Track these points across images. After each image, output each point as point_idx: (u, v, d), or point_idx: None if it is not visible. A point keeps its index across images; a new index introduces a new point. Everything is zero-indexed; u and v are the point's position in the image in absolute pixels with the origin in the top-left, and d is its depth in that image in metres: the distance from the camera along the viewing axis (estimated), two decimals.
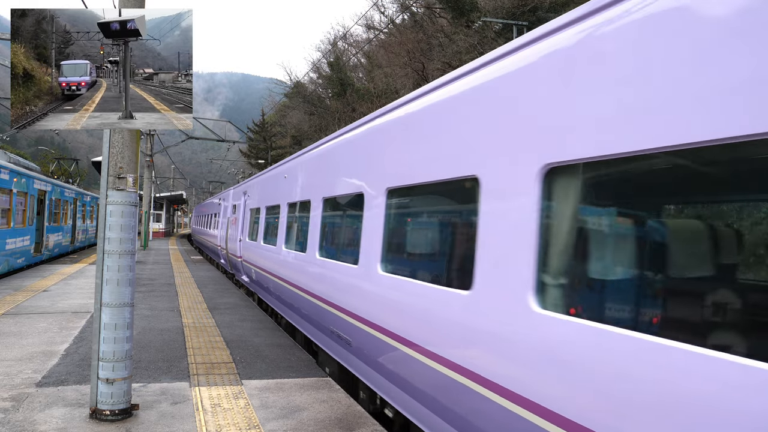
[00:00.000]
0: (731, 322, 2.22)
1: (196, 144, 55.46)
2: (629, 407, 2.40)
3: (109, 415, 5.01)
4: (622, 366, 2.44)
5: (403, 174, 4.94)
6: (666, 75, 2.43)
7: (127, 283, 5.15)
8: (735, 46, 2.16)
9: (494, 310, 3.37)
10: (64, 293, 12.90)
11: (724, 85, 2.17)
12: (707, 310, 2.31)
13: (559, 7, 23.83)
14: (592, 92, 2.82)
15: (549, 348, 2.89)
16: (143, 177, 30.37)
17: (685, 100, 2.32)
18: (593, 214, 2.97)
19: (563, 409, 2.74)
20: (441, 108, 4.44)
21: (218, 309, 11.57)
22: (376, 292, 5.26)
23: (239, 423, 5.08)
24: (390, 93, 34.71)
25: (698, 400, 2.12)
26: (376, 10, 42.03)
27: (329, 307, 6.58)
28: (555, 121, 3.06)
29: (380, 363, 5.14)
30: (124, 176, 5.20)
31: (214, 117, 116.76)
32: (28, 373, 6.38)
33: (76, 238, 28.01)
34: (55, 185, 22.82)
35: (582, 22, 3.00)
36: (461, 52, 27.39)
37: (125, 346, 5.13)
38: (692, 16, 2.35)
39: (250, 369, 6.93)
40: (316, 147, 8.39)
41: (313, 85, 55.25)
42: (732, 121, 2.11)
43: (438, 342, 4.02)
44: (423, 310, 4.29)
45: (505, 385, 3.19)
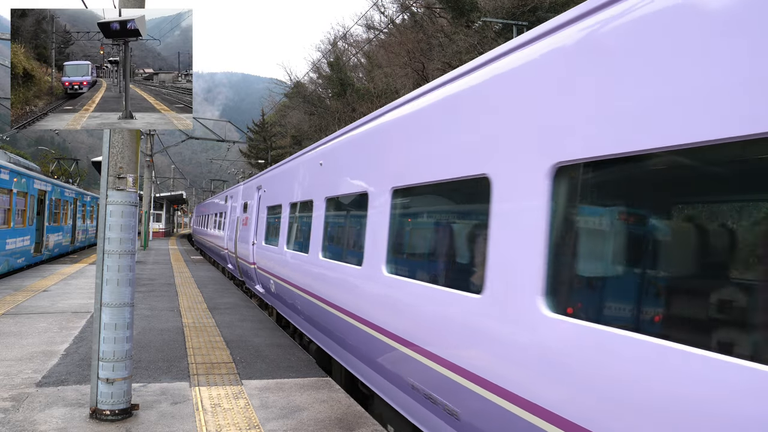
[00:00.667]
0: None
1: (196, 144, 55.46)
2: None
3: (109, 415, 5.01)
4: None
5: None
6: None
7: (127, 283, 5.15)
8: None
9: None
10: (64, 293, 12.90)
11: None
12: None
13: (559, 7, 23.83)
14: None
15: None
16: (143, 177, 30.37)
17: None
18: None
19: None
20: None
21: (218, 309, 11.57)
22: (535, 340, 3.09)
23: (239, 423, 5.08)
24: (390, 93, 34.71)
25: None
26: (376, 10, 42.06)
27: (413, 353, 4.39)
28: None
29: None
30: (124, 176, 5.20)
31: (214, 117, 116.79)
32: (28, 373, 6.38)
33: (76, 238, 28.01)
34: (55, 185, 22.82)
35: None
36: (461, 52, 27.39)
37: (125, 346, 5.13)
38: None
39: (250, 369, 6.93)
40: (381, 115, 5.88)
41: (313, 85, 55.26)
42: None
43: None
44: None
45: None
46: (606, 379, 2.52)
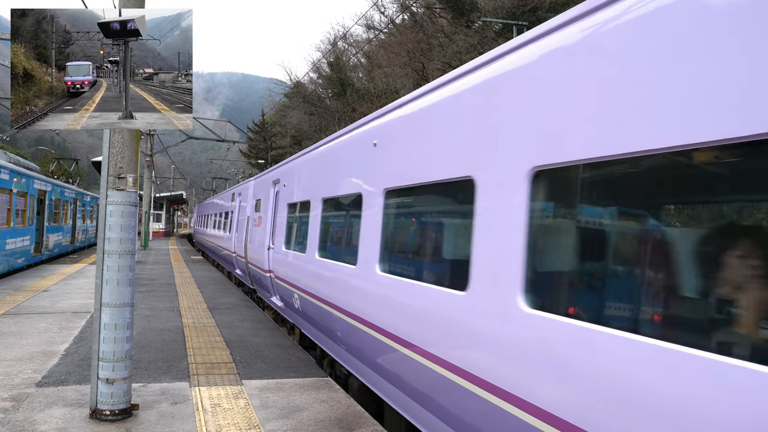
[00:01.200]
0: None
1: (196, 144, 55.46)
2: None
3: (109, 415, 5.01)
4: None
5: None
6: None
7: (127, 283, 5.15)
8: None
9: None
10: (64, 293, 12.90)
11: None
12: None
13: (559, 7, 23.83)
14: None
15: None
16: (143, 177, 30.37)
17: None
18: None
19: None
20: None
21: (218, 309, 11.57)
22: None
23: (239, 423, 5.08)
24: (390, 93, 34.71)
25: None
26: (376, 10, 42.08)
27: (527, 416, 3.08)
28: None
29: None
30: (124, 176, 5.20)
31: (214, 117, 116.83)
32: (28, 373, 6.38)
33: (76, 238, 28.01)
34: (55, 185, 22.82)
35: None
36: (461, 52, 27.39)
37: (125, 346, 5.13)
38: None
39: (250, 369, 6.93)
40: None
41: (313, 85, 55.27)
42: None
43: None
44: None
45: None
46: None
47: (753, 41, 2.11)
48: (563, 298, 3.01)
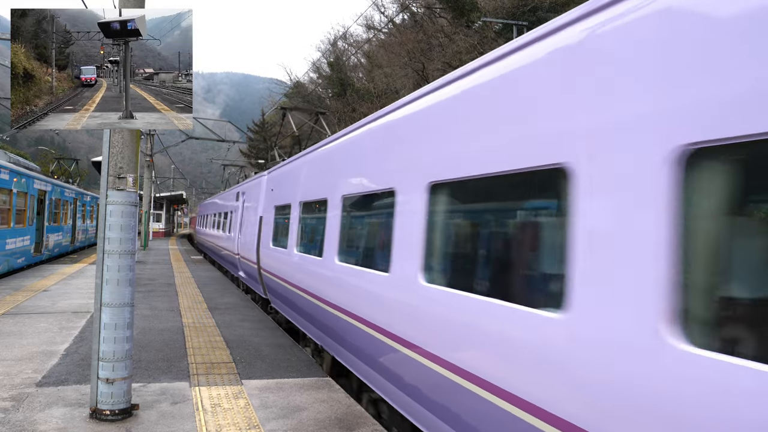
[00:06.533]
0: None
1: (196, 144, 55.43)
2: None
3: (109, 415, 5.02)
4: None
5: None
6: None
7: (127, 283, 5.16)
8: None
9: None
10: (64, 293, 12.90)
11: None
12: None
13: (559, 7, 23.83)
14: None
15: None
16: (143, 177, 30.34)
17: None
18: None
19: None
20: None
21: (218, 309, 11.58)
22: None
23: (239, 423, 5.09)
24: (390, 93, 34.70)
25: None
26: (376, 10, 42.06)
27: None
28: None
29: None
30: (124, 176, 5.20)
31: (215, 117, 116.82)
32: (28, 372, 6.38)
33: (76, 238, 28.00)
34: (55, 185, 22.82)
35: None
36: (461, 53, 27.39)
37: (125, 346, 5.13)
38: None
39: (250, 369, 6.93)
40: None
41: (313, 85, 55.23)
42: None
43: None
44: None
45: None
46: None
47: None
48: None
